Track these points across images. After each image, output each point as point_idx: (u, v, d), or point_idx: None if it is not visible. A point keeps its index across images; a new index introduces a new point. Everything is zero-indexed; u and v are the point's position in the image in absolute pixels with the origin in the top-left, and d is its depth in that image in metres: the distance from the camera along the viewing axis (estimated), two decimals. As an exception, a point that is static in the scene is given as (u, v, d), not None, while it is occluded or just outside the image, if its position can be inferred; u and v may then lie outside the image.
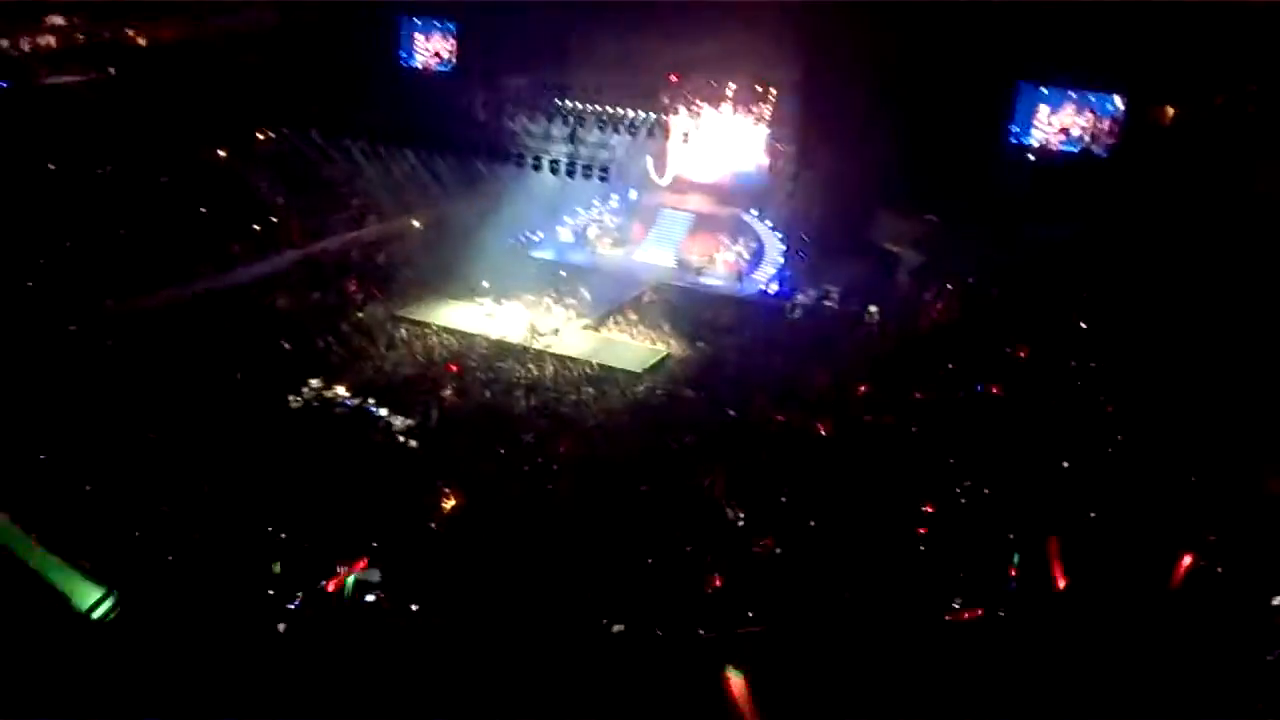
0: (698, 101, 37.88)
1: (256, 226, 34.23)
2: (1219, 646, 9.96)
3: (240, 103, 37.87)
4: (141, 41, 39.20)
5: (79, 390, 21.79)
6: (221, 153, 37.11)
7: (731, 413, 24.35)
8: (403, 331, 29.78)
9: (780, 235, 36.87)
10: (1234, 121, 30.63)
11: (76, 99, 35.01)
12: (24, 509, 16.55)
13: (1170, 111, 33.19)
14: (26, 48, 35.26)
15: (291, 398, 24.43)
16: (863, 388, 25.20)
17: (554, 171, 33.09)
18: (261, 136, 39.03)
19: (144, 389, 22.48)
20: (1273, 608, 10.49)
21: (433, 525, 18.83)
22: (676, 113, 37.86)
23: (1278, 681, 9.47)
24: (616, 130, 37.21)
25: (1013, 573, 15.13)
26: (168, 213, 32.95)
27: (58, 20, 35.79)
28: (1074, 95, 33.43)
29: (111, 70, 36.36)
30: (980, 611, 13.28)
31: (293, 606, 15.21)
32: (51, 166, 32.61)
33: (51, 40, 36.30)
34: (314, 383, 24.93)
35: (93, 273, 28.88)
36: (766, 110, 37.53)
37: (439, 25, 42.74)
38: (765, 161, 38.27)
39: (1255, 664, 9.70)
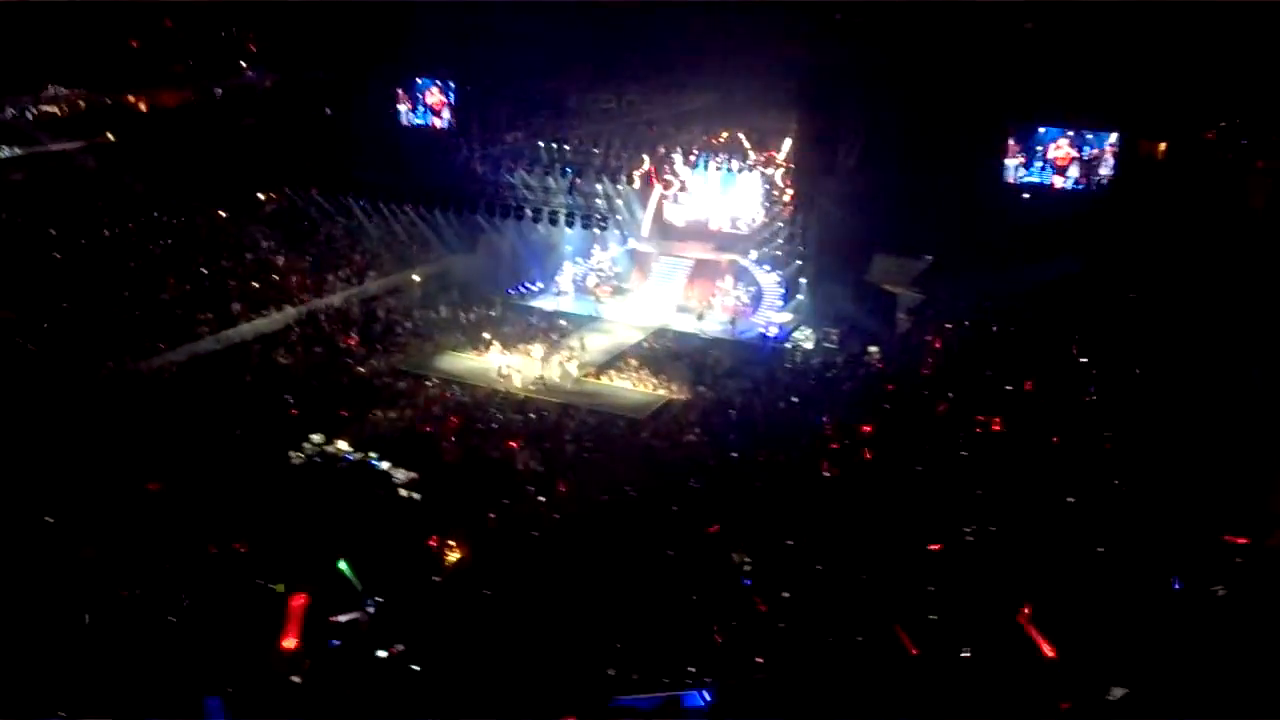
0: (694, 149, 38.30)
1: (257, 284, 34.38)
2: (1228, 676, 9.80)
3: (240, 163, 38.29)
4: (142, 107, 39.75)
5: (80, 451, 21.70)
6: (223, 213, 37.43)
7: (735, 455, 24.25)
8: (403, 384, 29.78)
9: (779, 279, 37.04)
10: (1226, 154, 30.86)
11: (80, 164, 35.43)
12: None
13: (1163, 146, 33.49)
14: (31, 116, 35.77)
15: (293, 454, 24.38)
16: (866, 428, 25.10)
17: (553, 222, 33.40)
18: (262, 196, 39.44)
19: (146, 448, 22.40)
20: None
21: (436, 578, 18.67)
22: (673, 161, 38.25)
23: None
24: (614, 180, 37.61)
25: (1026, 610, 14.95)
26: (170, 273, 33.15)
27: (60, 90, 36.34)
28: (1067, 133, 33.77)
29: (112, 136, 36.81)
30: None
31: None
32: (53, 232, 32.85)
33: (55, 109, 36.82)
34: (315, 438, 24.88)
35: (96, 335, 28.96)
36: (762, 156, 37.93)
37: (436, 83, 43.33)
38: (761, 207, 38.59)
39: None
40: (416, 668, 14.67)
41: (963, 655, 13.25)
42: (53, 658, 14.17)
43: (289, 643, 15.19)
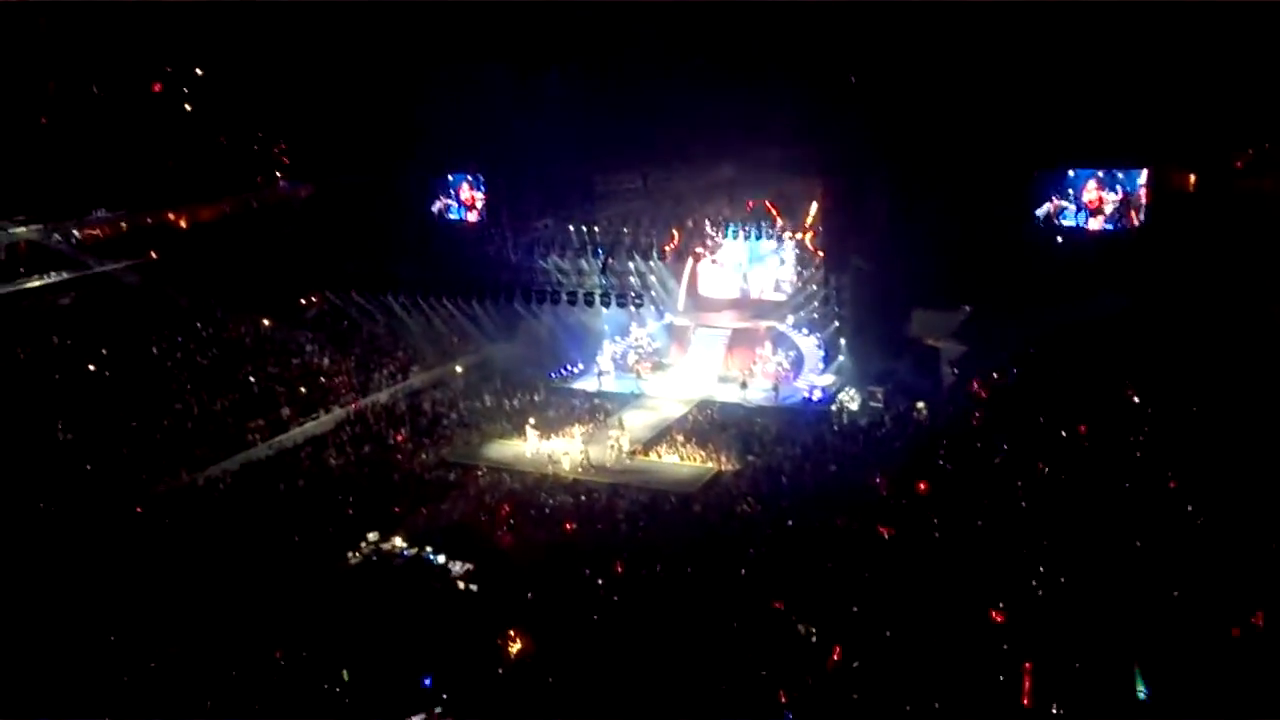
0: (722, 220, 38.67)
1: (304, 388, 34.94)
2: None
3: (281, 271, 39.22)
4: (182, 224, 40.95)
5: (138, 566, 21.95)
6: (266, 321, 38.24)
7: (790, 523, 23.99)
8: (453, 475, 29.91)
9: (818, 341, 36.98)
10: (1259, 180, 30.62)
11: (125, 284, 36.48)
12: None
13: (1193, 179, 33.29)
14: (75, 240, 36.97)
15: (350, 554, 24.49)
16: (922, 485, 24.77)
17: (588, 304, 33.70)
18: (304, 301, 40.31)
19: (203, 560, 22.61)
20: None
21: (500, 670, 18.52)
22: (702, 233, 38.62)
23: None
24: (645, 257, 38.00)
25: (1101, 661, 14.55)
26: (219, 384, 33.81)
27: (103, 213, 37.59)
28: (1096, 174, 33.74)
29: (155, 253, 37.94)
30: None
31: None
32: (104, 351, 33.72)
33: (98, 231, 38.04)
34: (371, 536, 25.00)
35: (150, 450, 29.49)
36: (791, 221, 38.17)
37: (467, 177, 44.36)
38: (795, 271, 38.71)
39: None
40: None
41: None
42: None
43: None
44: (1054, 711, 12.72)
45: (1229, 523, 16.64)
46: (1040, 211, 34.27)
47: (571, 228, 38.58)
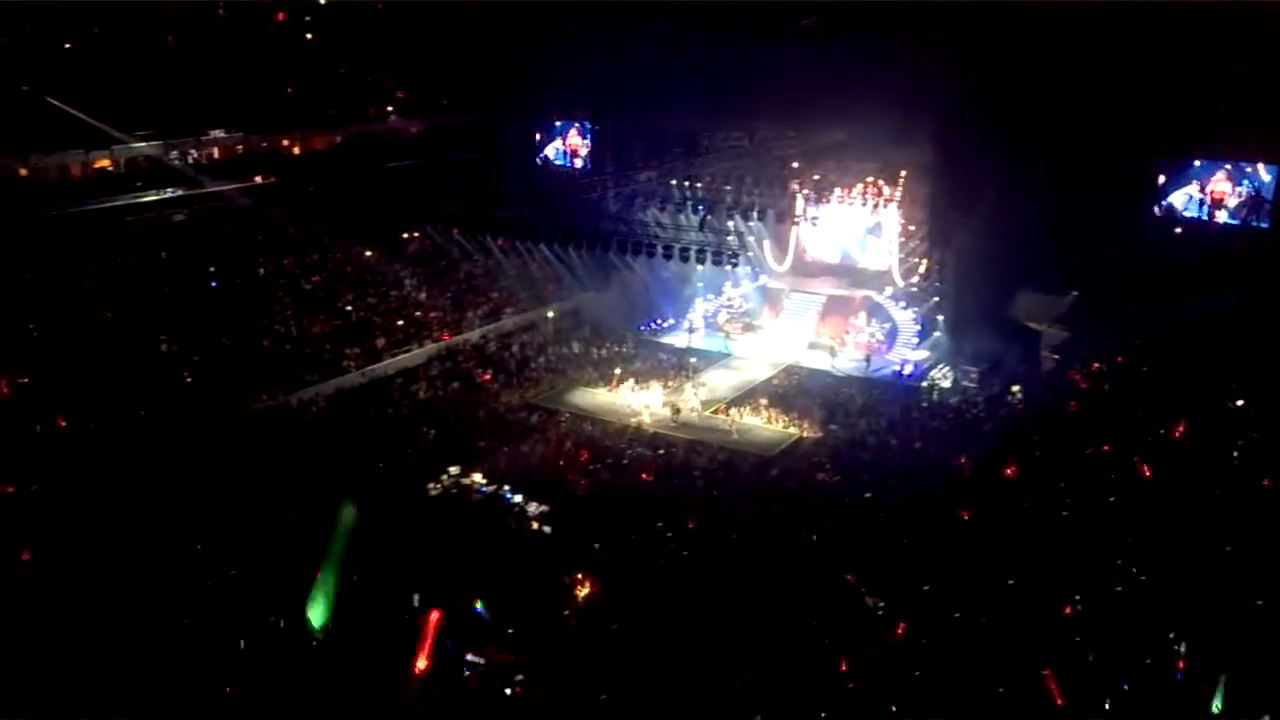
0: (827, 185, 38.00)
1: (400, 321, 35.68)
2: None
3: (386, 204, 39.92)
4: (296, 150, 41.92)
5: (229, 481, 22.79)
6: (369, 252, 39.06)
7: (868, 496, 23.71)
8: (536, 418, 30.29)
9: (914, 315, 36.23)
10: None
11: (236, 205, 37.56)
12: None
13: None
14: (192, 159, 38.17)
15: (430, 485, 25.06)
16: (1007, 470, 24.19)
17: (684, 259, 33.47)
18: (406, 236, 41.02)
19: (291, 478, 23.36)
20: None
21: (567, 613, 18.80)
22: (807, 198, 38.04)
23: None
24: (746, 217, 37.58)
25: (1180, 665, 14.11)
26: (320, 310, 34.73)
27: (219, 134, 38.67)
28: (1223, 166, 32.22)
29: (267, 178, 38.93)
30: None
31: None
32: (213, 268, 34.87)
33: (214, 151, 39.19)
34: (452, 470, 25.52)
35: (249, 368, 30.51)
36: (898, 192, 37.35)
37: (574, 124, 44.45)
38: (897, 242, 37.93)
39: None
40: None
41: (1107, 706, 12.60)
42: (207, 677, 14.90)
43: (421, 663, 15.58)
44: (1106, 709, 12.39)
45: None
46: (1168, 201, 32.89)
47: (674, 182, 38.33)
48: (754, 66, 36.46)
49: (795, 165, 38.89)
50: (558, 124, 45.13)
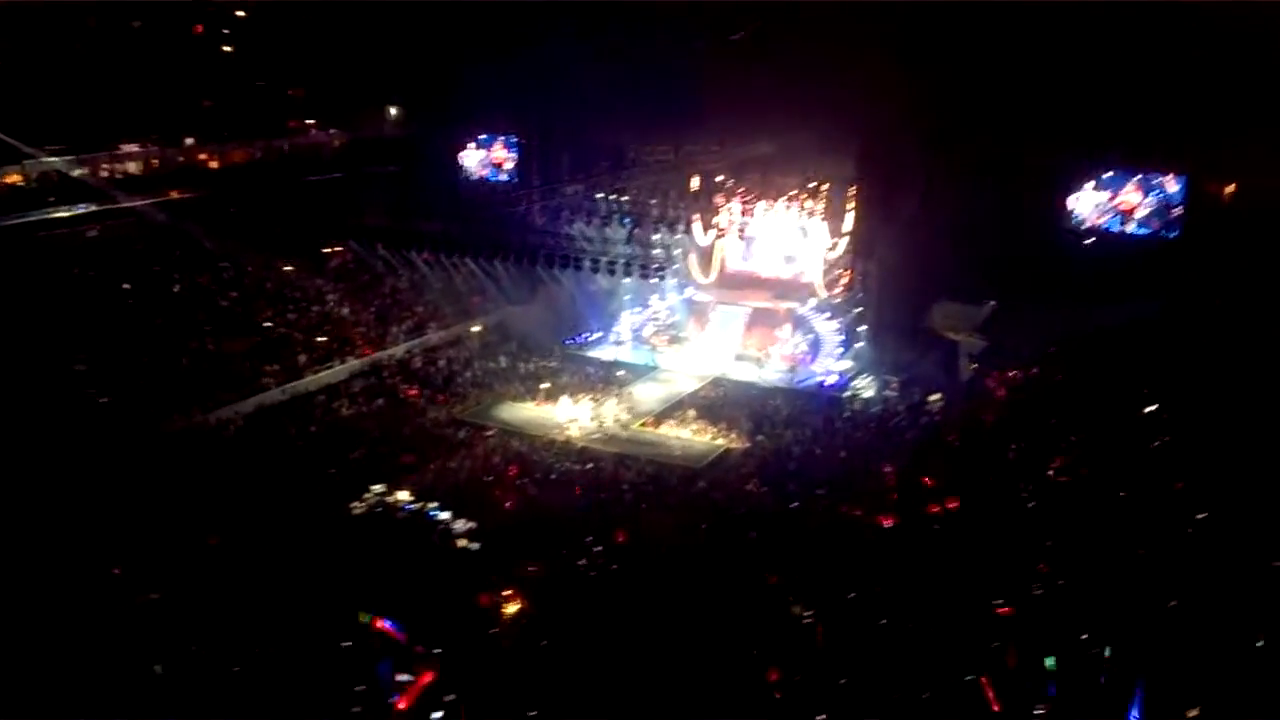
0: (752, 199, 38.41)
1: (322, 336, 35.06)
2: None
3: (307, 219, 39.26)
4: (213, 165, 41.03)
5: (145, 505, 22.12)
6: (289, 267, 38.34)
7: (795, 506, 23.95)
8: (463, 434, 30.01)
9: (838, 327, 36.77)
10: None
11: (151, 220, 36.55)
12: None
13: (1230, 189, 32.80)
14: (105, 173, 37.10)
15: (354, 504, 24.63)
16: (927, 479, 24.65)
17: (611, 272, 33.55)
18: (328, 251, 40.35)
19: (211, 498, 22.78)
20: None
21: (495, 630, 18.62)
22: (731, 210, 38.39)
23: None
24: (672, 230, 37.79)
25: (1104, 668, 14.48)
26: (238, 327, 33.96)
27: (133, 147, 37.67)
28: (1133, 177, 33.33)
29: (183, 192, 38.00)
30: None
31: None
32: (127, 286, 33.88)
33: (129, 166, 38.16)
34: (376, 488, 25.13)
35: (166, 387, 29.68)
36: (820, 205, 37.88)
37: (499, 138, 44.26)
38: (820, 255, 38.46)
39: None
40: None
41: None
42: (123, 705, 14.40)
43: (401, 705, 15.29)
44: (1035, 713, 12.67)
45: (1234, 538, 16.46)
46: (1080, 212, 33.94)
47: (600, 195, 38.40)
48: (680, 80, 36.77)
49: (720, 179, 39.22)
50: (482, 137, 44.91)
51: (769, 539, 21.92)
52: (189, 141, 39.59)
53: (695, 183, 39.34)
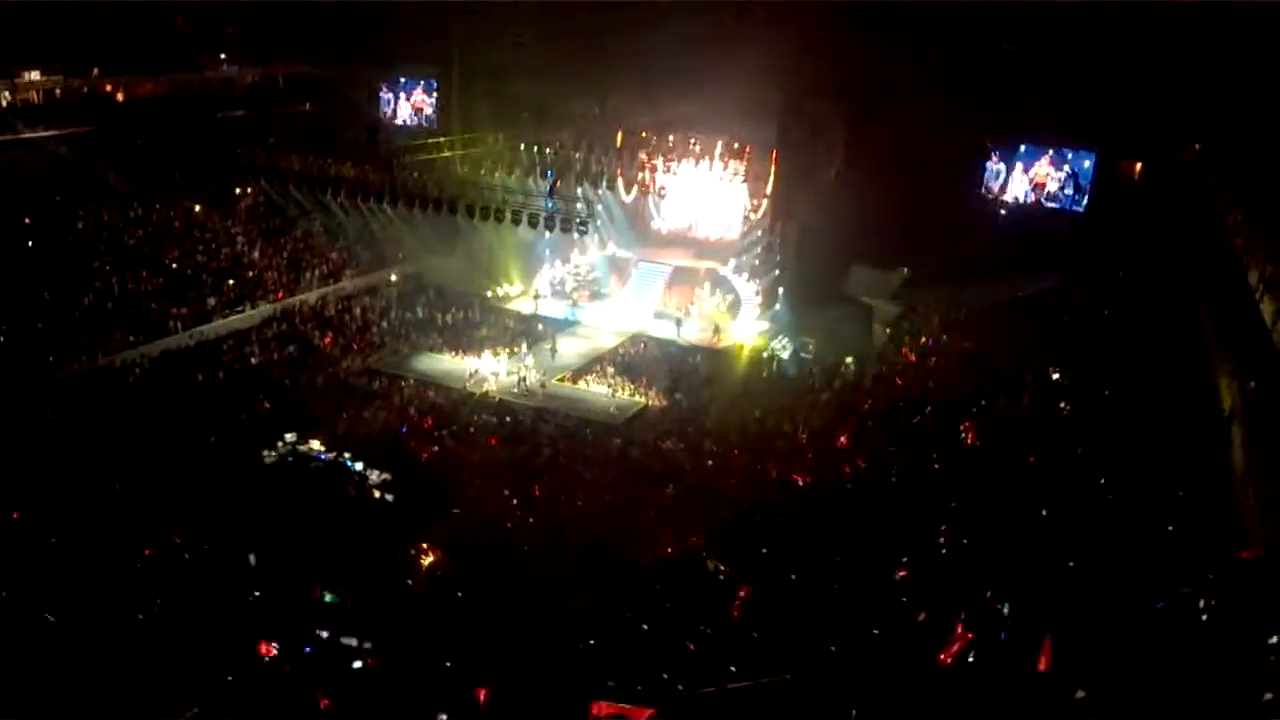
0: (675, 157, 38.35)
1: (232, 280, 34.05)
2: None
3: (218, 157, 37.94)
4: (119, 97, 39.29)
5: (49, 449, 21.40)
6: (198, 207, 37.05)
7: (710, 463, 24.28)
8: (378, 384, 29.59)
9: (756, 288, 37.12)
10: (1201, 176, 31.32)
11: (54, 153, 34.91)
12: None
13: (1139, 166, 33.96)
14: (4, 102, 35.27)
15: (266, 452, 24.17)
16: (841, 438, 25.21)
17: (532, 225, 33.23)
18: (238, 191, 39.06)
19: (118, 445, 22.12)
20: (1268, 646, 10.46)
21: (410, 581, 18.55)
22: (654, 169, 38.29)
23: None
24: (595, 185, 37.56)
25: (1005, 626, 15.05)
26: (144, 267, 32.77)
27: (35, 76, 35.85)
28: (1047, 152, 34.24)
29: (89, 125, 36.33)
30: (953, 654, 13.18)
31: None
32: (28, 220, 32.36)
33: (31, 95, 36.35)
34: (289, 437, 24.68)
35: (67, 328, 28.57)
36: (742, 166, 38.03)
37: (420, 82, 43.27)
38: (741, 216, 38.70)
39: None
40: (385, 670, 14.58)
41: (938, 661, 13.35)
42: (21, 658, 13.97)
43: None
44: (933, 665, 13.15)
45: (1134, 501, 17.24)
46: (994, 183, 34.77)
47: (523, 147, 37.89)
48: (606, 35, 36.43)
49: (644, 135, 39.05)
50: (403, 80, 43.86)
51: (684, 495, 22.23)
52: (95, 72, 37.71)
53: (619, 138, 39.15)
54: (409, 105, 43.99)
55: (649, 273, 39.74)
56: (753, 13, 33.99)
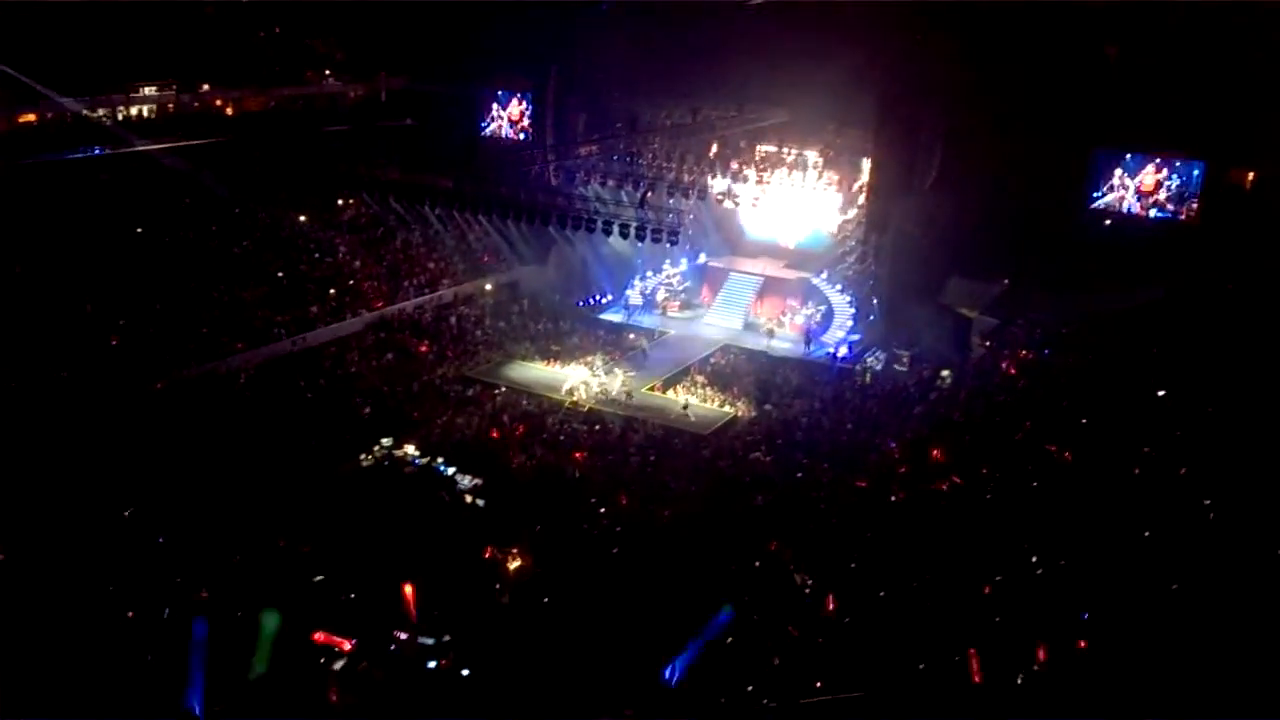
0: (768, 166, 38.13)
1: (333, 289, 35.05)
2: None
3: (322, 170, 39.11)
4: (229, 111, 40.84)
5: (152, 453, 22.26)
6: (303, 218, 38.26)
7: (800, 476, 24.00)
8: (472, 392, 30.08)
9: (850, 299, 36.64)
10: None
11: (165, 165, 36.41)
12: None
13: (1251, 176, 32.52)
14: (120, 116, 36.90)
15: (363, 456, 24.76)
16: (936, 453, 24.66)
17: (624, 235, 33.37)
18: (341, 202, 40.25)
19: (221, 449, 22.91)
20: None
21: (498, 586, 18.76)
22: (746, 179, 38.14)
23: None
24: (686, 195, 37.55)
25: (1082, 645, 14.58)
26: (250, 276, 33.96)
27: (149, 90, 37.45)
28: (1154, 160, 33.06)
29: (199, 138, 37.82)
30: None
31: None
32: (140, 230, 33.83)
33: (144, 110, 37.98)
34: (385, 441, 25.25)
35: (176, 334, 29.75)
36: (837, 175, 37.61)
37: (517, 95, 43.95)
38: (835, 225, 38.26)
39: None
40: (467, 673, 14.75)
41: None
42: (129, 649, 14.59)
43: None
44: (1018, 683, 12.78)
45: (1238, 524, 16.49)
46: (1101, 194, 33.72)
47: (615, 157, 38.14)
48: (699, 45, 36.41)
49: (739, 145, 38.94)
50: (500, 94, 44.60)
51: (773, 507, 22.02)
52: (205, 87, 39.27)
53: (712, 148, 39.10)
54: (506, 118, 44.68)
55: (740, 283, 39.59)
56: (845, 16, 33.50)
